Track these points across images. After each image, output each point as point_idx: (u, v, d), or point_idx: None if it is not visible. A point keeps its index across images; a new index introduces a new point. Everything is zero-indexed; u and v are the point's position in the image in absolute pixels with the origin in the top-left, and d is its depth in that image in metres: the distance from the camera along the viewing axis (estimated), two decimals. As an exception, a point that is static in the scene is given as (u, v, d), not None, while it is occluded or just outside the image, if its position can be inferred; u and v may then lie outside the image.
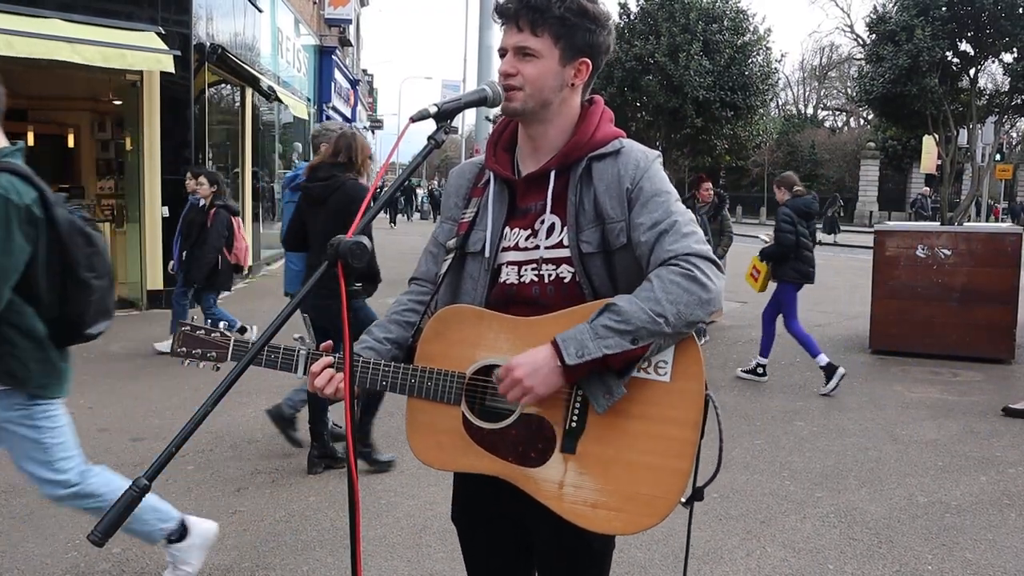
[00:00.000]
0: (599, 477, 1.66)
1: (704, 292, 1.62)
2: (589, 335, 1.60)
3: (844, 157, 42.99)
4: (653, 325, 1.59)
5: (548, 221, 1.77)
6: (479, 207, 1.86)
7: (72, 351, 2.87)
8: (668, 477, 1.66)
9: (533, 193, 1.81)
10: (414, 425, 1.79)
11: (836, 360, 6.96)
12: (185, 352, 1.92)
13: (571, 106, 1.80)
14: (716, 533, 3.92)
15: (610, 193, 1.74)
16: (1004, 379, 7.39)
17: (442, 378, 1.74)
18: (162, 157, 9.68)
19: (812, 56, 69.39)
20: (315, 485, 4.39)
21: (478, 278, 1.82)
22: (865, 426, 5.80)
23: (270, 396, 5.94)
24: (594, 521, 1.67)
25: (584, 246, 1.73)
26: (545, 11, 1.69)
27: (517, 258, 1.80)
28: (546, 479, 1.69)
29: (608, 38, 1.78)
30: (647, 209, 1.71)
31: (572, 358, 1.59)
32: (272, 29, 16.02)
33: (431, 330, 1.78)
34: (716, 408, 1.69)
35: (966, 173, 28.41)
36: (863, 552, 3.76)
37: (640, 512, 1.66)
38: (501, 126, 1.90)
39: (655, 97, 10.98)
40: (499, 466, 1.72)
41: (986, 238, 8.18)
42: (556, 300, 1.74)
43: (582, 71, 1.76)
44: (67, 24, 8.41)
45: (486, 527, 1.95)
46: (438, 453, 1.77)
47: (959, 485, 4.65)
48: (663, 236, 1.67)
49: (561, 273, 1.76)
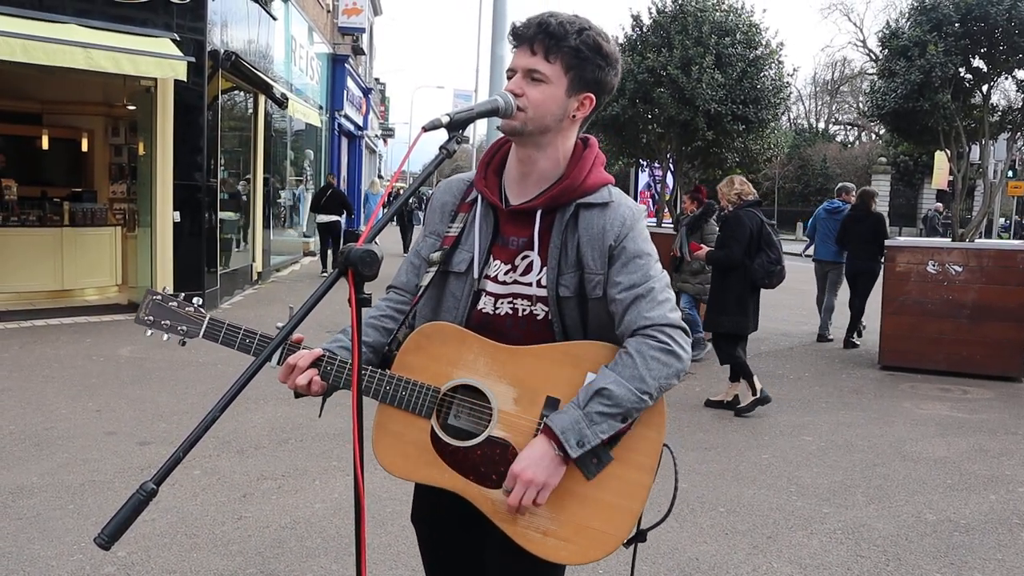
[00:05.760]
0: (553, 507, 1.71)
1: (679, 363, 1.72)
2: (585, 423, 1.65)
3: (855, 172, 42.83)
4: (640, 403, 1.68)
5: (529, 258, 1.81)
6: (465, 224, 1.87)
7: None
8: (619, 515, 1.72)
9: (517, 226, 1.83)
10: (382, 431, 1.81)
11: (845, 375, 6.93)
12: (151, 321, 1.88)
13: (566, 138, 1.82)
14: (722, 548, 3.90)
15: (593, 245, 1.77)
16: (1014, 397, 7.34)
17: (417, 389, 1.76)
18: (175, 162, 9.72)
19: (824, 70, 69.39)
20: (321, 492, 4.40)
21: (460, 298, 1.85)
22: (873, 442, 5.76)
23: (277, 402, 5.96)
24: (543, 548, 1.72)
25: (562, 290, 1.78)
26: (561, 40, 1.71)
27: (495, 290, 1.83)
28: (503, 502, 1.71)
29: (614, 79, 1.81)
30: (627, 270, 1.76)
31: (575, 450, 1.65)
32: (286, 37, 16.11)
33: (413, 342, 1.81)
34: (674, 458, 1.79)
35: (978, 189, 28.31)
36: (870, 569, 3.73)
37: (589, 545, 1.72)
38: (494, 148, 1.91)
39: (667, 109, 10.98)
40: (460, 483, 1.76)
41: (997, 255, 8.14)
42: (527, 335, 1.79)
43: (585, 105, 1.78)
44: (83, 29, 8.47)
45: (443, 533, 2.00)
46: (403, 462, 1.80)
47: (968, 503, 4.62)
48: (639, 300, 1.73)
49: (536, 311, 1.80)
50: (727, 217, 6.52)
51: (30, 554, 3.55)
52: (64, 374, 6.69)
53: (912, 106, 9.56)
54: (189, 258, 9.95)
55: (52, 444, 4.98)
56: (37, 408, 5.74)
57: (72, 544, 3.66)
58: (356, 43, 24.97)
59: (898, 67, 9.65)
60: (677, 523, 4.13)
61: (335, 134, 22.91)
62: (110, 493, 4.26)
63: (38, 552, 3.57)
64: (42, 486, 4.33)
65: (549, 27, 1.72)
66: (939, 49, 9.12)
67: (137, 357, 7.42)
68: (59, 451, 4.86)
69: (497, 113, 1.71)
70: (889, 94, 9.94)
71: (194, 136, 9.89)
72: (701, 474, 4.92)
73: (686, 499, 4.45)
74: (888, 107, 9.98)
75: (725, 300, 6.38)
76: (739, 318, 6.30)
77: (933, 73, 9.14)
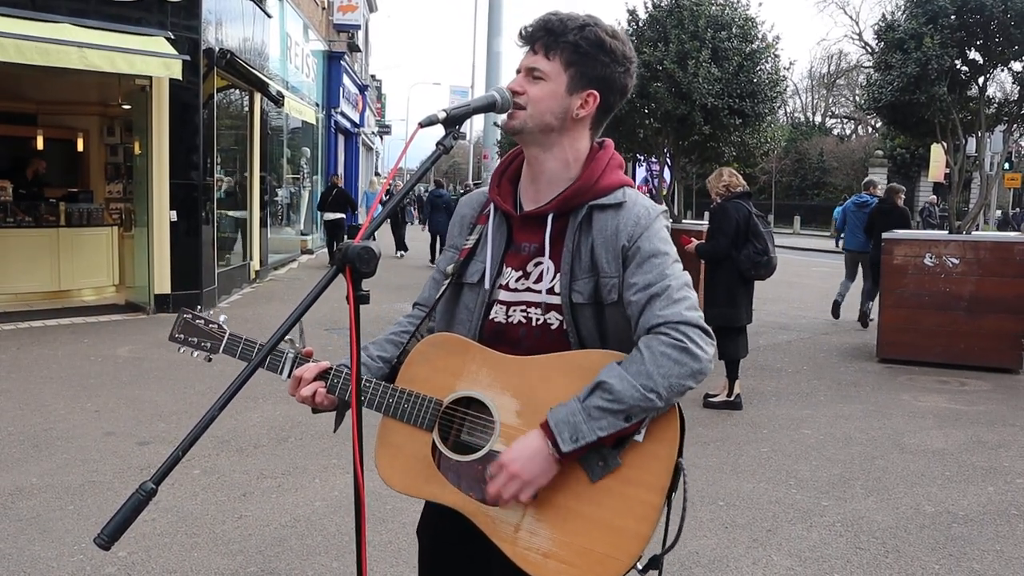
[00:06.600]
0: (555, 527, 1.63)
1: (695, 363, 1.59)
2: (582, 417, 1.57)
3: (852, 165, 42.90)
4: (645, 402, 1.56)
5: (541, 265, 1.75)
6: (481, 235, 1.85)
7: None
8: (625, 539, 1.60)
9: (529, 232, 1.78)
10: (384, 444, 1.78)
11: (844, 369, 6.94)
12: (182, 339, 1.90)
13: (575, 139, 1.76)
14: (722, 541, 3.91)
15: (607, 247, 1.70)
16: (1012, 388, 7.36)
17: (419, 402, 1.73)
18: (171, 161, 9.71)
19: (820, 64, 69.37)
20: (321, 490, 4.40)
21: (473, 309, 1.81)
22: (872, 435, 5.77)
23: (276, 401, 5.96)
24: (544, 570, 1.62)
25: (576, 296, 1.70)
26: (560, 36, 1.69)
27: (506, 298, 1.77)
28: (503, 520, 1.66)
29: (625, 78, 1.75)
30: (642, 270, 1.67)
31: (568, 444, 1.56)
32: (281, 34, 16.09)
33: (418, 353, 1.78)
34: (685, 478, 1.66)
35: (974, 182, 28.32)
36: (869, 561, 3.74)
37: (591, 569, 1.60)
38: (510, 157, 1.88)
39: (663, 104, 10.96)
40: (460, 499, 1.70)
41: (994, 247, 8.16)
42: (541, 345, 1.72)
43: (589, 103, 1.73)
44: (77, 29, 8.45)
45: (447, 549, 1.92)
46: (403, 476, 1.76)
47: (966, 495, 4.63)
48: (654, 300, 1.63)
49: (549, 320, 1.73)
50: (714, 209, 6.53)
51: (30, 555, 3.55)
52: (62, 375, 6.68)
53: (908, 99, 9.55)
54: (186, 257, 9.94)
55: (51, 445, 4.97)
56: (36, 409, 5.73)
57: (72, 544, 3.66)
58: (352, 40, 24.94)
59: (894, 60, 9.63)
60: (676, 518, 4.13)
61: (331, 131, 22.90)
62: (110, 493, 4.26)
63: (38, 553, 3.57)
64: (41, 487, 4.32)
65: (549, 24, 1.70)
66: (935, 41, 9.11)
67: (135, 357, 7.41)
68: (58, 452, 4.85)
69: (494, 108, 1.69)
70: (885, 87, 9.93)
71: (190, 135, 9.87)
72: (700, 468, 4.92)
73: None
74: (884, 100, 9.97)
75: (715, 293, 6.38)
76: (728, 310, 6.29)
77: (929, 66, 9.13)
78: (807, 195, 45.18)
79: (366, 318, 1.51)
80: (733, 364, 6.38)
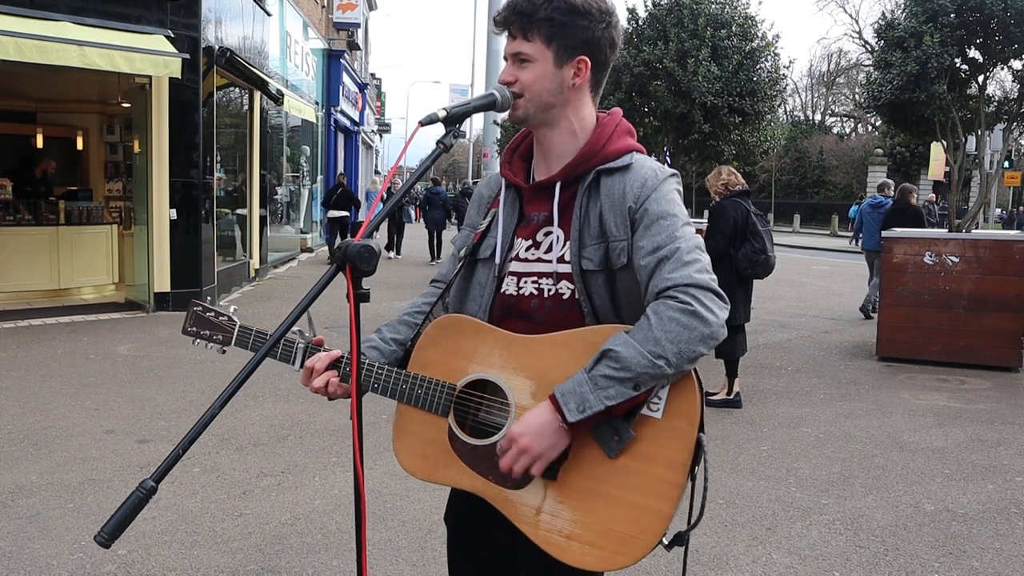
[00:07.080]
0: (577, 508, 1.61)
1: (705, 327, 1.53)
2: (589, 386, 1.53)
3: (852, 163, 42.91)
4: (654, 369, 1.52)
5: (551, 234, 1.73)
6: (494, 216, 1.85)
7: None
8: (647, 518, 1.58)
9: (539, 202, 1.78)
10: (401, 432, 1.77)
11: (843, 367, 6.95)
12: (195, 332, 1.91)
13: (578, 108, 1.74)
14: (722, 539, 3.91)
15: (614, 210, 1.67)
16: (1011, 386, 7.36)
17: (433, 387, 1.72)
18: (170, 160, 9.71)
19: (820, 62, 69.44)
20: (321, 488, 4.40)
21: (486, 284, 1.80)
22: (872, 433, 5.78)
23: (276, 399, 5.95)
24: (567, 552, 1.61)
25: (585, 263, 1.67)
26: (532, 15, 1.67)
27: (518, 269, 1.76)
28: (524, 503, 1.65)
29: (608, 32, 1.71)
30: (650, 232, 1.63)
31: (574, 414, 1.53)
32: (281, 33, 16.08)
33: (428, 336, 1.77)
34: (705, 453, 1.62)
35: (974, 180, 28.34)
36: (869, 559, 3.74)
37: (614, 550, 1.58)
38: (520, 136, 1.88)
39: (663, 102, 10.97)
40: (479, 484, 1.69)
41: (994, 245, 8.16)
42: (553, 316, 1.70)
43: (582, 70, 1.71)
44: (76, 27, 8.45)
45: (473, 535, 1.91)
46: (422, 463, 1.75)
47: (966, 493, 4.63)
48: (663, 263, 1.59)
49: (560, 289, 1.70)
50: (713, 208, 6.53)
51: (30, 553, 3.55)
52: (62, 373, 6.68)
53: (908, 97, 9.56)
54: (186, 256, 9.95)
55: (51, 443, 4.97)
56: (35, 407, 5.73)
57: (72, 543, 3.66)
58: (351, 38, 24.94)
59: (894, 58, 9.64)
60: (676, 515, 4.13)
61: (331, 130, 22.89)
62: (109, 491, 4.26)
63: (38, 551, 3.57)
64: (41, 485, 4.33)
65: (517, 7, 1.68)
66: (935, 40, 9.11)
67: (135, 355, 7.41)
68: (58, 450, 4.86)
69: (495, 107, 1.69)
70: (885, 85, 9.94)
71: (190, 133, 9.88)
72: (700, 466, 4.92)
73: (684, 492, 4.46)
74: (884, 98, 9.99)
75: None
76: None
77: (929, 64, 9.14)
78: (807, 193, 45.21)
79: (366, 316, 1.51)
80: (732, 362, 6.38)
